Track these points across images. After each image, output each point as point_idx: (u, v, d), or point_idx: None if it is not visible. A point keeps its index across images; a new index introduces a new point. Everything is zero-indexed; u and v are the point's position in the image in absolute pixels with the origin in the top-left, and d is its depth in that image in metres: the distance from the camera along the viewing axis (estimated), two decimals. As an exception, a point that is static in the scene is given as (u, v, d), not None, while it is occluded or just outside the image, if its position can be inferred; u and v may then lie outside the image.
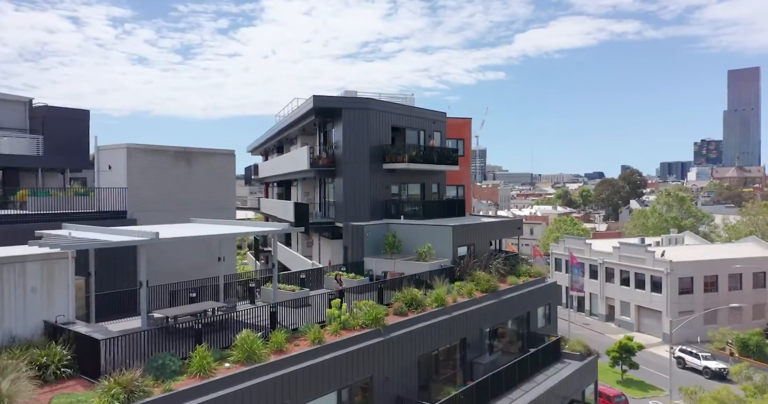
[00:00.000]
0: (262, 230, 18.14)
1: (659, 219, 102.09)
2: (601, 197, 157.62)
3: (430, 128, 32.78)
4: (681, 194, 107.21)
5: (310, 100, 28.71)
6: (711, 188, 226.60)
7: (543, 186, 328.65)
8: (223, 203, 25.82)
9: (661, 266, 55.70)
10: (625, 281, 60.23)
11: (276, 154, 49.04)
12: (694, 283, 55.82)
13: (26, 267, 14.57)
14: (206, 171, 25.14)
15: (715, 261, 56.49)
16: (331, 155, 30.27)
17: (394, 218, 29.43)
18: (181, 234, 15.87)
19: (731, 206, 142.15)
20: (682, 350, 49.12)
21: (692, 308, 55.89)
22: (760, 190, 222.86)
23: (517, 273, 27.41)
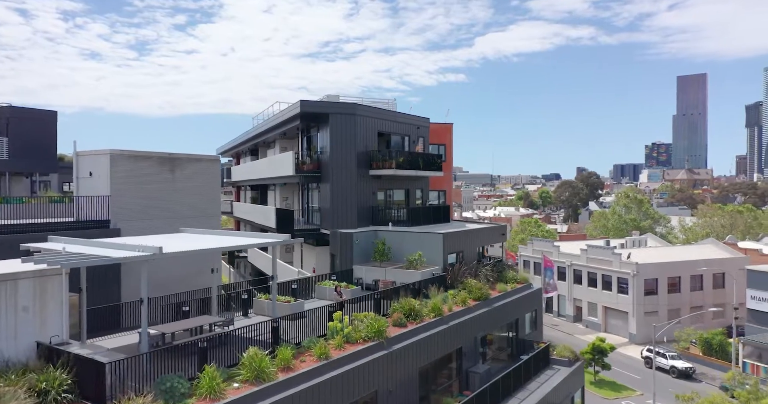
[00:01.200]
0: (263, 241, 17.56)
1: (619, 221, 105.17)
2: (561, 198, 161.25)
3: (414, 133, 32.66)
4: (639, 197, 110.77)
5: (297, 104, 28.13)
6: (663, 190, 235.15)
7: (503, 187, 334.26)
8: (208, 210, 24.98)
9: (627, 268, 57.26)
10: (592, 283, 61.66)
11: (249, 157, 48.04)
12: (659, 284, 57.63)
13: (18, 285, 13.65)
14: (191, 178, 24.25)
15: (678, 263, 58.46)
16: (316, 161, 29.75)
17: (381, 224, 29.18)
18: (184, 248, 15.18)
19: (684, 207, 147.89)
20: (649, 350, 50.51)
21: (656, 308, 57.78)
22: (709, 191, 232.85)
23: (505, 280, 27.56)
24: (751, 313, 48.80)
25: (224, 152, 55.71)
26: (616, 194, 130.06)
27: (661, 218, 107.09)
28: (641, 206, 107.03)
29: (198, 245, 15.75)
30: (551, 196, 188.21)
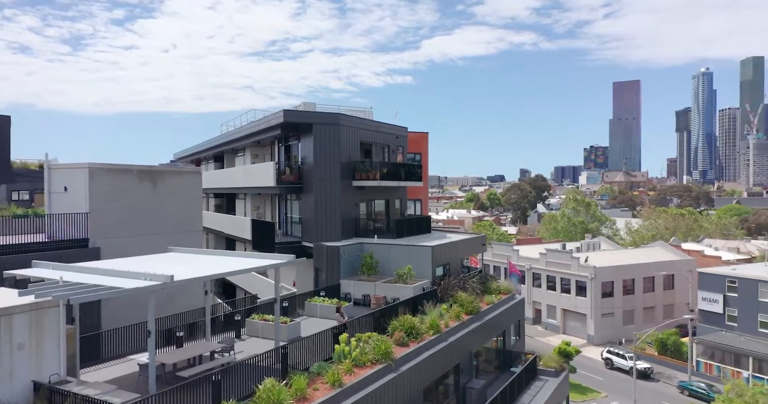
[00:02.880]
0: (269, 263, 16.73)
1: (568, 223, 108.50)
2: (510, 200, 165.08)
3: (394, 142, 32.36)
4: (587, 200, 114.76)
5: (280, 114, 27.25)
6: (603, 192, 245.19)
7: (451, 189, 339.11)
8: (191, 225, 23.78)
9: (585, 271, 59.04)
10: (551, 286, 63.21)
11: (213, 163, 46.39)
12: (614, 287, 59.72)
13: (13, 321, 12.41)
14: (172, 191, 23.01)
15: (632, 266, 60.79)
16: (297, 171, 28.94)
17: (363, 236, 28.70)
18: (192, 274, 14.23)
19: (626, 209, 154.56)
20: (609, 351, 52.27)
21: (612, 310, 59.85)
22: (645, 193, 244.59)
23: (490, 291, 27.67)
24: (702, 314, 51.27)
25: (182, 158, 53.61)
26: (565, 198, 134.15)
27: (607, 220, 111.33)
28: (588, 208, 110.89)
29: (205, 270, 14.82)
30: (499, 198, 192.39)
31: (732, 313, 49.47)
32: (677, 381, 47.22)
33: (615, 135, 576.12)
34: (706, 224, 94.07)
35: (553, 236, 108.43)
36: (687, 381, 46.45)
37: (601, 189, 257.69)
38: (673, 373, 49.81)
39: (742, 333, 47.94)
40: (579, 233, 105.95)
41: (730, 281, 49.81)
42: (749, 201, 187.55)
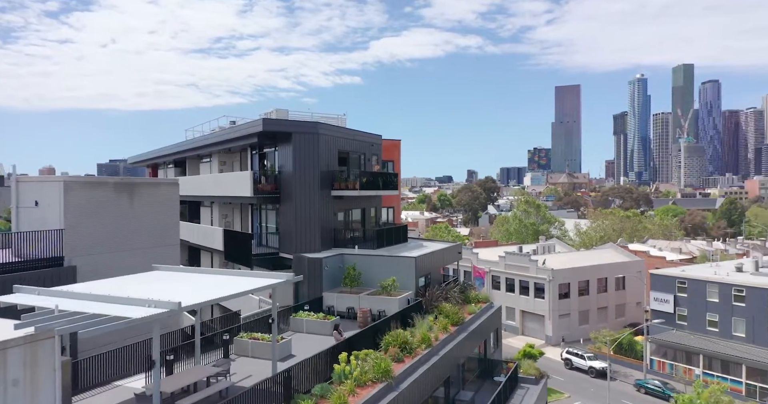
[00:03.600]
0: (269, 282, 16.09)
1: (520, 225, 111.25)
2: (462, 202, 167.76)
3: (369, 151, 32.11)
4: (537, 202, 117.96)
5: (258, 122, 26.48)
6: (548, 193, 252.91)
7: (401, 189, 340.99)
8: (168, 239, 22.73)
9: (543, 273, 60.61)
10: (510, 288, 64.53)
11: (173, 169, 44.69)
12: (571, 288, 61.60)
13: (7, 356, 11.39)
14: (149, 204, 21.92)
15: (587, 268, 62.88)
16: (273, 181, 28.23)
17: (341, 247, 28.33)
18: (199, 299, 13.52)
19: (572, 210, 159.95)
20: (568, 352, 53.82)
21: (569, 311, 61.71)
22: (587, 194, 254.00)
23: (469, 300, 27.86)
24: (654, 313, 53.59)
25: (138, 162, 51.42)
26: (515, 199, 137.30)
27: (556, 222, 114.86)
28: (539, 210, 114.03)
29: (209, 294, 14.11)
30: (449, 199, 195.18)
31: (682, 312, 51.97)
32: (633, 379, 49.15)
33: (557, 137, 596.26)
34: (649, 225, 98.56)
35: (505, 238, 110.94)
36: (643, 379, 48.41)
37: (546, 190, 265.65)
38: (629, 372, 51.82)
39: (692, 332, 50.42)
40: (530, 235, 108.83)
41: (680, 282, 52.33)
42: (684, 202, 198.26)
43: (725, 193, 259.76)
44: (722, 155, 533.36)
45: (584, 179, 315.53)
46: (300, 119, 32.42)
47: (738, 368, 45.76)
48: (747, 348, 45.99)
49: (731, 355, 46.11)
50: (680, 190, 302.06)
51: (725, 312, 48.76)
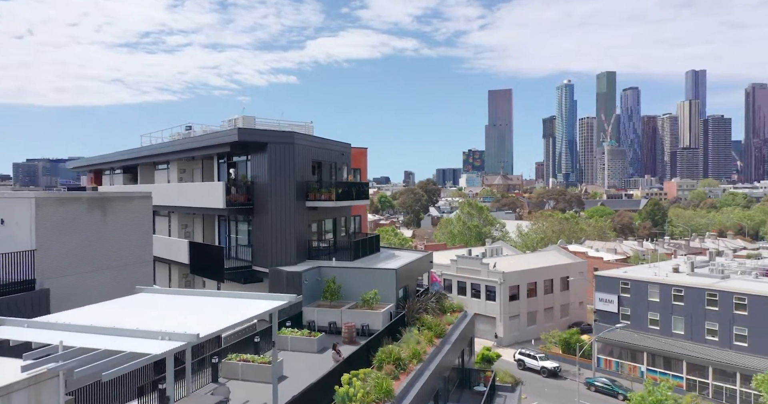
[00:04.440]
0: (272, 305, 15.42)
1: (463, 227, 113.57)
2: (405, 204, 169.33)
3: (340, 159, 31.70)
4: (480, 204, 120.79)
5: (234, 131, 25.51)
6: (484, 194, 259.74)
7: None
8: (141, 256, 21.46)
9: (494, 276, 62.08)
10: (462, 291, 65.64)
11: (122, 176, 42.33)
12: (520, 290, 63.45)
13: (11, 401, 10.33)
14: (122, 220, 20.60)
15: (535, 270, 64.97)
16: (246, 191, 27.30)
17: (316, 258, 27.82)
18: (212, 329, 12.76)
19: (510, 212, 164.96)
20: (521, 353, 55.35)
21: (518, 312, 63.54)
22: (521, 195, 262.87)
23: (445, 310, 28.03)
24: (599, 313, 56.07)
25: (80, 167, 48.42)
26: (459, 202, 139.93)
27: (498, 223, 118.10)
28: (481, 213, 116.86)
29: (223, 321, 13.36)
30: (390, 200, 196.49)
31: (625, 312, 54.64)
32: (584, 378, 51.16)
33: (490, 140, 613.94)
34: (585, 227, 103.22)
35: (449, 240, 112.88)
36: (592, 377, 50.53)
37: (482, 191, 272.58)
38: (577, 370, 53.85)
39: (635, 330, 53.10)
40: (473, 237, 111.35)
41: (624, 283, 55.02)
42: (610, 203, 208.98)
43: (647, 194, 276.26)
44: (641, 157, 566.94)
45: (518, 181, 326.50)
46: (268, 126, 31.62)
47: (679, 364, 48.67)
48: (686, 345, 48.98)
49: (672, 352, 48.97)
50: (605, 191, 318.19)
51: (665, 311, 51.72)
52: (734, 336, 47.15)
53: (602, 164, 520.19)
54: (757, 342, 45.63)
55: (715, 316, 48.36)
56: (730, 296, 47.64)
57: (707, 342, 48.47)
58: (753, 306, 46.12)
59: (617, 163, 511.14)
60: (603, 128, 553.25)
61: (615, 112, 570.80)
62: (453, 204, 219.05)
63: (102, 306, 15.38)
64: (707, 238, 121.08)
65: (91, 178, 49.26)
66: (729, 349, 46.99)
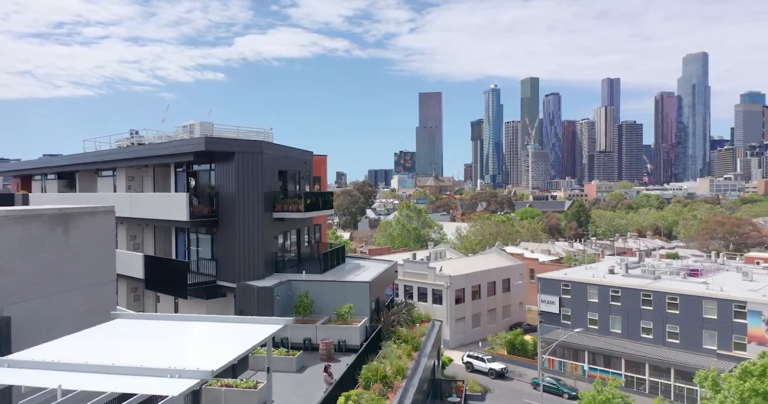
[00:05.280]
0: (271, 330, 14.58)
1: (402, 230, 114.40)
2: (342, 206, 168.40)
3: (303, 168, 30.93)
4: (418, 207, 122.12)
5: (200, 140, 24.20)
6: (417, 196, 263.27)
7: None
8: (104, 276, 19.90)
9: (441, 280, 62.89)
10: (409, 295, 65.95)
11: (57, 182, 39.29)
12: (465, 293, 64.63)
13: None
14: (86, 237, 18.99)
15: (479, 273, 66.41)
16: (209, 203, 26.02)
17: (283, 271, 26.98)
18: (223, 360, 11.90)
19: (445, 213, 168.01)
20: (469, 355, 56.32)
21: (464, 315, 64.71)
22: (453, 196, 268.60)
23: (414, 320, 27.99)
24: (543, 314, 58.08)
25: (6, 172, 44.56)
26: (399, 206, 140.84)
27: (435, 226, 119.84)
28: (420, 215, 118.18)
29: (228, 353, 12.49)
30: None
31: (566, 312, 56.92)
32: (530, 378, 52.79)
33: (421, 141, 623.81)
34: (520, 228, 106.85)
35: (389, 242, 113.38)
36: (538, 377, 52.17)
37: (415, 193, 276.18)
38: (523, 371, 55.50)
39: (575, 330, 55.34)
40: (412, 239, 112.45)
41: (564, 285, 57.29)
42: (538, 204, 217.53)
43: (569, 196, 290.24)
44: (562, 160, 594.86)
45: (449, 182, 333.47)
46: (226, 133, 30.41)
47: (618, 361, 51.23)
48: (623, 343, 51.65)
49: (612, 350, 51.48)
50: (531, 192, 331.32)
51: (603, 311, 54.32)
52: (667, 333, 50.24)
53: (526, 166, 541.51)
54: (687, 338, 48.83)
55: (650, 315, 51.31)
56: (663, 296, 50.71)
57: (643, 340, 51.34)
58: (684, 305, 49.32)
59: (540, 165, 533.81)
60: (527, 132, 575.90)
61: (538, 116, 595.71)
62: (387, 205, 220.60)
63: (81, 337, 14.15)
64: (629, 238, 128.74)
65: (18, 184, 45.43)
66: (663, 346, 50.00)
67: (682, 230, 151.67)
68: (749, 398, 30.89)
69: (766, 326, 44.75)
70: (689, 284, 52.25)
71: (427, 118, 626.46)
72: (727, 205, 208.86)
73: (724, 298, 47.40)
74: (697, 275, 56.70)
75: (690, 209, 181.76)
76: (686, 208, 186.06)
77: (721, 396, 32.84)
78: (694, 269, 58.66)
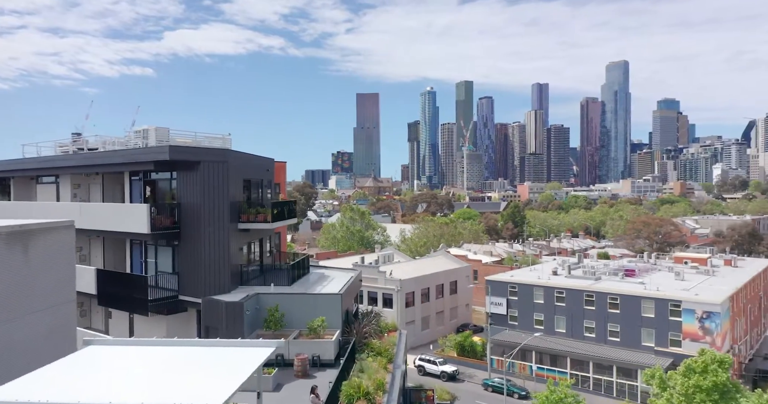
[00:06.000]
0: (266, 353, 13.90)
1: (347, 232, 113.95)
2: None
3: (265, 176, 30.04)
4: (362, 209, 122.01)
5: (165, 148, 22.95)
6: (357, 197, 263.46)
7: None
8: (64, 295, 18.47)
9: (392, 284, 63.06)
10: (359, 300, 65.64)
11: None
12: (415, 296, 65.12)
13: None
14: (46, 255, 17.54)
15: (428, 276, 67.10)
16: (170, 213, 24.76)
17: (247, 284, 26.10)
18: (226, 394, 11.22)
19: (386, 215, 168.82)
20: (421, 358, 56.72)
21: (414, 318, 65.16)
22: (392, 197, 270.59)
23: (382, 330, 27.80)
24: (492, 316, 59.39)
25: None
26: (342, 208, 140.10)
27: (379, 228, 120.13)
28: (364, 217, 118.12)
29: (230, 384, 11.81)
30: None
31: (513, 314, 58.51)
32: (480, 379, 53.81)
33: (358, 142, 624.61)
34: (462, 230, 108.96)
35: (333, 245, 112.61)
36: (488, 378, 53.32)
37: (354, 194, 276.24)
38: (473, 372, 56.52)
39: (522, 331, 57.01)
40: (356, 241, 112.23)
41: (512, 287, 58.87)
42: (475, 205, 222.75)
43: (503, 196, 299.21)
44: (495, 162, 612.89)
45: (388, 183, 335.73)
46: (183, 140, 29.17)
47: (563, 360, 53.16)
48: (568, 342, 53.67)
49: (557, 349, 53.36)
50: (467, 193, 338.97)
51: (549, 312, 56.24)
52: (609, 332, 52.65)
53: (462, 168, 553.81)
54: (627, 336, 51.37)
55: (592, 315, 53.60)
56: (604, 297, 53.11)
57: (586, 339, 53.54)
58: (624, 305, 51.85)
59: (475, 166, 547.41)
60: (462, 134, 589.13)
61: (473, 119, 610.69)
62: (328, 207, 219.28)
63: (53, 371, 13.04)
64: (563, 238, 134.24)
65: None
66: (605, 344, 52.35)
67: (609, 230, 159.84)
68: (694, 394, 32.79)
69: (699, 323, 47.79)
70: (628, 284, 54.99)
71: (365, 118, 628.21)
72: (648, 205, 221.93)
73: (661, 297, 50.19)
74: (633, 275, 59.81)
75: (616, 209, 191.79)
76: (612, 209, 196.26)
77: (667, 394, 34.70)
78: (630, 270, 61.84)
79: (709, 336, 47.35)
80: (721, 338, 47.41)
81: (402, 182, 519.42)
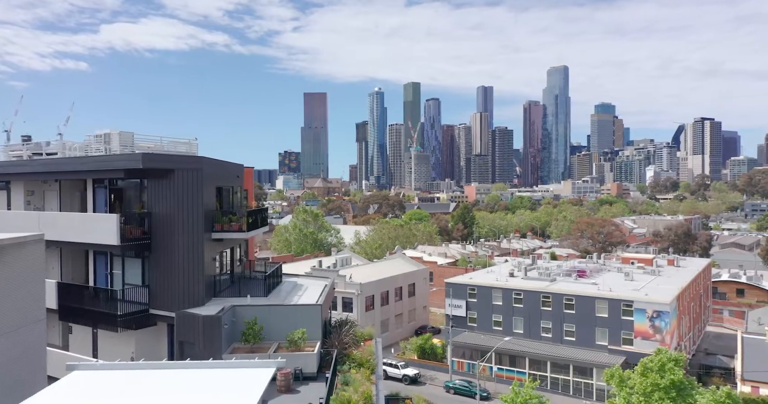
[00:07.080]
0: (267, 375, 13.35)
1: (300, 234, 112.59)
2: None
3: (236, 183, 29.17)
4: (315, 211, 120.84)
5: (137, 156, 21.80)
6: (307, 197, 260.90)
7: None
8: (33, 315, 17.24)
9: (352, 288, 62.72)
10: (317, 304, 64.93)
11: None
12: (375, 300, 65.03)
13: None
14: (14, 272, 16.33)
15: (387, 279, 67.14)
16: (140, 224, 23.60)
17: (220, 296, 25.26)
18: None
19: (338, 216, 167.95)
20: (383, 363, 56.57)
21: (374, 321, 64.94)
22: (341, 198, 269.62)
23: (358, 339, 27.52)
24: (454, 319, 60.03)
25: None
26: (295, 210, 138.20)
27: (332, 229, 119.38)
28: (317, 219, 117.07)
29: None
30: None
31: (473, 316, 59.39)
32: (442, 381, 54.29)
33: (306, 142, 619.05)
34: (416, 232, 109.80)
35: (286, 248, 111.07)
36: (450, 380, 53.87)
37: (304, 195, 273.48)
38: (434, 374, 56.94)
39: (481, 332, 57.99)
40: (309, 244, 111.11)
41: (471, 289, 59.74)
42: (425, 206, 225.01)
43: (451, 197, 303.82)
44: (442, 162, 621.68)
45: (337, 184, 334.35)
46: (146, 145, 27.98)
47: (522, 361, 54.39)
48: (526, 342, 54.96)
49: (515, 350, 54.53)
50: (416, 194, 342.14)
51: (507, 313, 57.42)
52: (564, 332, 54.27)
53: (409, 168, 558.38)
54: (582, 336, 53.12)
55: (549, 315, 55.12)
56: (560, 298, 54.72)
57: (543, 339, 55.00)
58: (579, 305, 53.58)
59: (422, 167, 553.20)
60: (410, 135, 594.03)
61: (420, 120, 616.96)
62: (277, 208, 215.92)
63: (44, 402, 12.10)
64: (512, 239, 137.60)
65: None
66: (561, 344, 53.92)
67: (554, 231, 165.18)
68: (652, 392, 34.21)
69: (650, 322, 49.98)
70: (582, 285, 56.89)
71: (313, 118, 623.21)
72: (588, 206, 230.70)
73: (614, 298, 52.19)
74: (585, 275, 61.98)
75: (560, 210, 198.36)
76: (556, 209, 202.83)
77: (625, 393, 36.04)
78: (582, 270, 64.06)
79: (659, 334, 49.61)
80: (670, 335, 49.76)
81: (351, 183, 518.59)
